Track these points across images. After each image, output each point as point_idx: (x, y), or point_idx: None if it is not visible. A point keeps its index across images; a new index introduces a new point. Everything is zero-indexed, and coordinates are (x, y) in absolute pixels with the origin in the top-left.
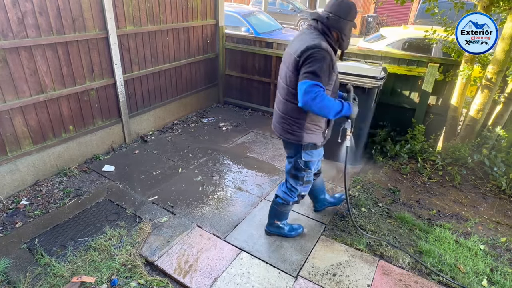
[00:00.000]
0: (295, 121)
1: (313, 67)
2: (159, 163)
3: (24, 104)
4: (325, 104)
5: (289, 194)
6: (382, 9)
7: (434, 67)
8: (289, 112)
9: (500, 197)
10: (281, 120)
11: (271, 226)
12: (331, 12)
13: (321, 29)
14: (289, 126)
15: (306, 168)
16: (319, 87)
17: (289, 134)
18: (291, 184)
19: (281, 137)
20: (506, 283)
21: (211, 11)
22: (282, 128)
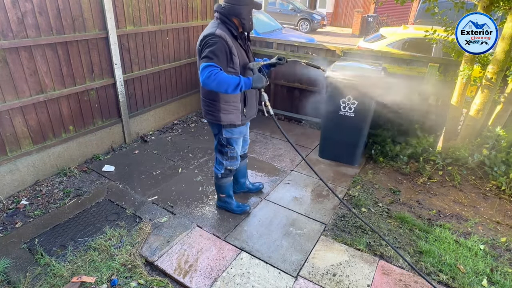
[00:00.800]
0: (211, 103)
1: (206, 52)
2: (159, 163)
3: (24, 104)
4: (220, 80)
5: (217, 168)
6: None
7: (434, 67)
8: (206, 95)
9: (500, 197)
10: (203, 103)
11: (219, 200)
12: (226, 1)
13: (220, 18)
14: (208, 108)
15: (228, 145)
16: (213, 67)
17: (209, 115)
18: (218, 158)
19: (205, 118)
20: (506, 283)
21: (211, 11)
22: (204, 110)
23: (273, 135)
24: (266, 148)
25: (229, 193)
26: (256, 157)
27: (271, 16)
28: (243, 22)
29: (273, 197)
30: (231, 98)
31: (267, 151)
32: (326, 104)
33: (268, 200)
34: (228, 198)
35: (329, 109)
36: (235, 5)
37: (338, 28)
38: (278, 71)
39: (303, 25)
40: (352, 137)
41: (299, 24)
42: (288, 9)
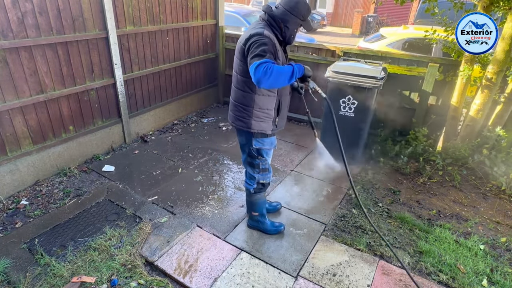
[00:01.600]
0: (244, 108)
1: (257, 51)
2: (159, 163)
3: (24, 104)
4: (276, 71)
5: (248, 183)
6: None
7: (434, 67)
8: (239, 99)
9: (500, 197)
10: (233, 108)
11: (251, 219)
12: (281, 4)
13: (267, 19)
14: (239, 113)
15: (259, 156)
16: (267, 62)
17: (239, 121)
18: (249, 172)
19: (233, 124)
20: (506, 283)
21: (211, 11)
22: (233, 116)
23: None
24: None
25: (263, 211)
26: None
27: None
28: (285, 31)
29: (273, 197)
30: (266, 105)
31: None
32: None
33: (268, 200)
34: (261, 217)
35: (329, 109)
36: (287, 11)
37: (338, 28)
38: None
39: None
40: (352, 137)
41: None
42: None
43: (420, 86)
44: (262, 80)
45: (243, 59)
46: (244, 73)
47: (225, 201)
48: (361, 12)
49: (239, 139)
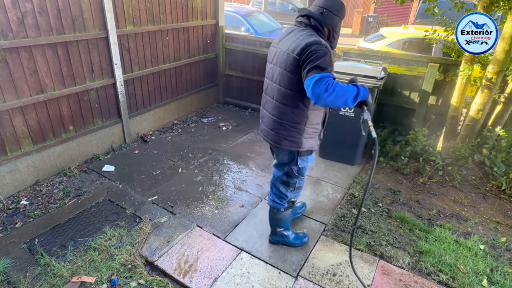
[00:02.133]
0: (294, 126)
1: (317, 62)
2: (159, 163)
3: (24, 104)
4: (339, 90)
5: (278, 202)
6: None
7: (434, 67)
8: (287, 117)
9: (500, 197)
10: (277, 126)
11: (275, 235)
12: (324, 7)
13: (314, 25)
14: (287, 132)
15: (299, 175)
16: (329, 77)
17: (287, 141)
18: (281, 191)
19: (277, 144)
20: (506, 283)
21: (211, 11)
22: (277, 135)
23: None
24: (266, 148)
25: (288, 226)
26: (256, 157)
27: (271, 16)
28: (334, 36)
29: None
30: (316, 120)
31: (267, 151)
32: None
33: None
34: (286, 231)
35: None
36: (333, 14)
37: None
38: None
39: None
40: (352, 137)
41: None
42: (288, 9)
43: (420, 86)
44: (322, 97)
45: (296, 71)
46: (295, 86)
47: (225, 201)
48: (361, 12)
49: (279, 158)
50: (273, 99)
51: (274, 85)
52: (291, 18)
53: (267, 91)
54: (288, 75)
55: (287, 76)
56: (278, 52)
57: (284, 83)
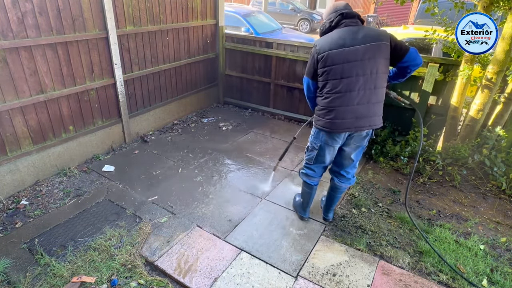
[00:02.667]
0: (383, 103)
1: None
2: (159, 163)
3: (24, 104)
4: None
5: (354, 178)
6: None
7: (434, 67)
8: (382, 97)
9: (500, 197)
10: (379, 109)
11: (332, 212)
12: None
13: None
14: (381, 111)
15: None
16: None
17: (381, 118)
18: (356, 167)
19: (377, 125)
20: (506, 283)
21: (211, 11)
22: (378, 118)
23: (273, 135)
24: (266, 148)
25: None
26: (256, 157)
27: (271, 16)
28: None
29: (273, 197)
30: None
31: (267, 151)
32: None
33: (268, 200)
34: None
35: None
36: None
37: None
38: (278, 71)
39: (303, 25)
40: None
41: (299, 24)
42: (288, 9)
43: (420, 86)
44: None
45: (389, 56)
46: (388, 69)
47: (225, 201)
48: (361, 12)
49: (367, 140)
50: (373, 86)
51: (371, 75)
52: (291, 18)
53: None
54: (384, 61)
55: (383, 63)
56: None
57: (382, 70)
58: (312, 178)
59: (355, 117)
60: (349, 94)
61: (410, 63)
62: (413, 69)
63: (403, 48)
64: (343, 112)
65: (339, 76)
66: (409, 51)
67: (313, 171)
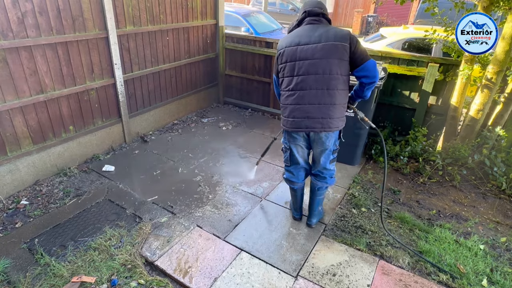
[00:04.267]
0: (344, 107)
1: (364, 49)
2: (159, 163)
3: (24, 104)
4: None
5: (332, 178)
6: (382, 9)
7: (434, 67)
8: (342, 99)
9: (500, 197)
10: (333, 111)
11: (315, 217)
12: (320, 7)
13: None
14: (340, 113)
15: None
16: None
17: (341, 121)
18: (331, 169)
19: (331, 129)
20: (506, 283)
21: (211, 11)
22: (331, 120)
23: (273, 135)
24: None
25: None
26: (256, 157)
27: (271, 16)
28: None
29: (273, 197)
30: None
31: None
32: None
33: (268, 200)
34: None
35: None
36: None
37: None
38: None
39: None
40: (352, 137)
41: None
42: (288, 9)
43: (420, 86)
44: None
45: (347, 58)
46: (347, 71)
47: (225, 201)
48: (361, 12)
49: (329, 143)
50: (326, 87)
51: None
52: (291, 18)
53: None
54: (340, 62)
55: (340, 64)
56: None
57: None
58: (293, 182)
59: (306, 117)
60: (301, 93)
61: (365, 74)
62: (365, 82)
63: (363, 56)
64: (295, 110)
65: (292, 74)
66: (368, 61)
67: (292, 174)
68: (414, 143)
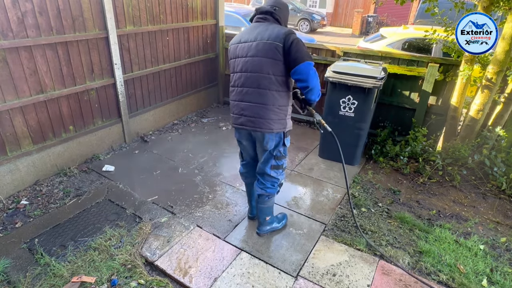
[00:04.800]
0: (281, 108)
1: (304, 51)
2: (159, 163)
3: (24, 104)
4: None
5: (273, 187)
6: (382, 9)
7: (434, 67)
8: (275, 101)
9: (500, 197)
10: (265, 112)
11: (264, 225)
12: (276, 5)
13: (278, 20)
14: (276, 115)
15: (285, 155)
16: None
17: (277, 124)
18: (273, 176)
19: (266, 130)
20: (506, 283)
21: (211, 11)
22: (265, 121)
23: None
24: None
25: (273, 211)
26: None
27: None
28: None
29: None
30: (290, 101)
31: None
32: (326, 104)
33: None
34: (272, 216)
35: (329, 109)
36: (285, 11)
37: (338, 28)
38: None
39: (303, 25)
40: (352, 137)
41: (299, 24)
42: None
43: (420, 86)
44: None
45: (281, 58)
46: (282, 72)
47: (225, 201)
48: (361, 12)
49: (266, 144)
50: (259, 87)
51: (257, 76)
52: (291, 18)
53: (246, 82)
54: (273, 62)
55: (273, 64)
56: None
57: (270, 70)
58: (242, 176)
59: (240, 114)
60: (238, 89)
61: (297, 77)
62: (299, 86)
63: (296, 57)
64: (233, 107)
65: (233, 70)
66: (301, 63)
67: (242, 166)
68: (414, 143)
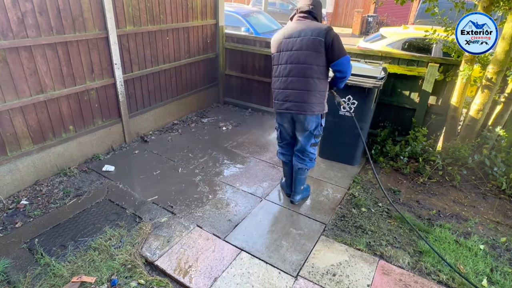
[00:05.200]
0: (322, 94)
1: (341, 46)
2: (159, 163)
3: (24, 104)
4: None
5: (311, 161)
6: (382, 9)
7: (434, 67)
8: (318, 87)
9: (500, 197)
10: (308, 97)
11: (298, 194)
12: (313, 4)
13: (314, 17)
14: (317, 100)
15: (321, 134)
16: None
17: (318, 107)
18: (312, 152)
19: (309, 113)
20: (506, 283)
21: (211, 11)
22: (308, 105)
23: (273, 135)
24: (266, 147)
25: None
26: (256, 157)
27: (271, 16)
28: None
29: (273, 197)
30: (328, 87)
31: (267, 150)
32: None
33: (268, 200)
34: (305, 187)
35: (329, 109)
36: (320, 8)
37: (338, 28)
38: None
39: None
40: (352, 137)
41: None
42: (288, 9)
43: (420, 86)
44: (349, 72)
45: (323, 51)
46: (323, 62)
47: (225, 201)
48: (361, 12)
49: (308, 125)
50: (304, 76)
51: (303, 66)
52: None
53: (293, 71)
54: (316, 54)
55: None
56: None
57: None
58: (284, 155)
59: (285, 100)
60: (283, 79)
61: (338, 68)
62: (338, 76)
63: (338, 52)
64: (278, 94)
65: (277, 62)
66: (343, 57)
67: (282, 148)
68: (414, 143)
